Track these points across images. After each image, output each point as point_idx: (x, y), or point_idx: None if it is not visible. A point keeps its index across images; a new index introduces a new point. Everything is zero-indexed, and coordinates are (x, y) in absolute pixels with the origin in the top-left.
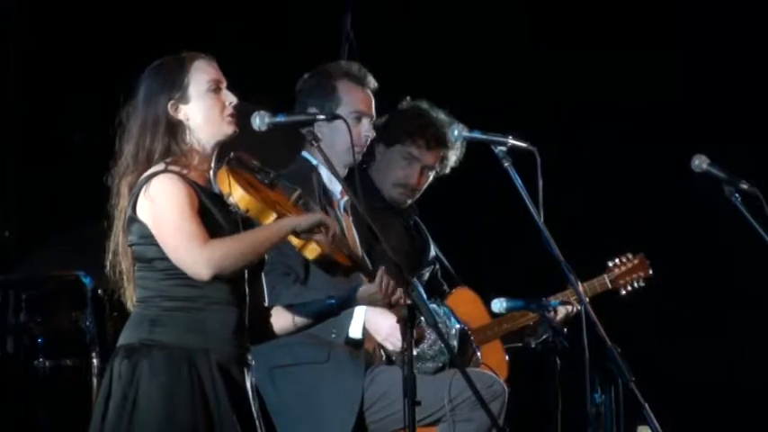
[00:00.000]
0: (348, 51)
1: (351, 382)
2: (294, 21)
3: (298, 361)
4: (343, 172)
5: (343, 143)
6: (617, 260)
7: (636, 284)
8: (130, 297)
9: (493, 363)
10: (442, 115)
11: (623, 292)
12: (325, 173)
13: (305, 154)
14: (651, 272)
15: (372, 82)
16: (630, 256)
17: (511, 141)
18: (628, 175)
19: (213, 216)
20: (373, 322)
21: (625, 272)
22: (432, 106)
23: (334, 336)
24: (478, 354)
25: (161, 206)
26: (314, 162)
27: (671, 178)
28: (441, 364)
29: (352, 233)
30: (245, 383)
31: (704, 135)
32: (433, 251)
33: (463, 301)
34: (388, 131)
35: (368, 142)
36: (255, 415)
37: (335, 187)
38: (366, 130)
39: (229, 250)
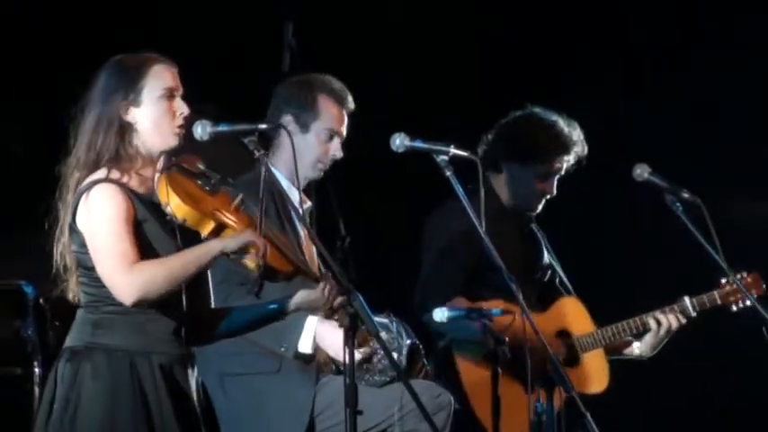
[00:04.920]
0: (290, 60)
1: (301, 393)
2: (235, 30)
3: (248, 370)
4: (303, 183)
5: (311, 157)
6: (730, 278)
7: (744, 303)
8: (73, 292)
9: (593, 370)
10: (557, 118)
11: (734, 309)
12: (284, 182)
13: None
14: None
15: (351, 103)
16: (745, 274)
17: (453, 151)
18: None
19: (150, 227)
20: (324, 336)
21: (737, 289)
22: (544, 111)
23: (283, 350)
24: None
25: (96, 219)
26: (275, 171)
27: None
28: (389, 378)
29: (309, 243)
30: (188, 383)
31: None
32: (546, 258)
33: (569, 309)
34: (516, 148)
35: (332, 161)
36: (199, 415)
37: (294, 196)
38: (335, 149)
39: (154, 276)
